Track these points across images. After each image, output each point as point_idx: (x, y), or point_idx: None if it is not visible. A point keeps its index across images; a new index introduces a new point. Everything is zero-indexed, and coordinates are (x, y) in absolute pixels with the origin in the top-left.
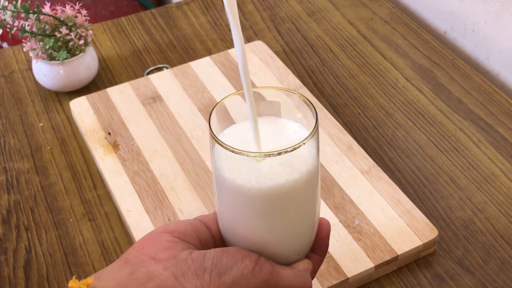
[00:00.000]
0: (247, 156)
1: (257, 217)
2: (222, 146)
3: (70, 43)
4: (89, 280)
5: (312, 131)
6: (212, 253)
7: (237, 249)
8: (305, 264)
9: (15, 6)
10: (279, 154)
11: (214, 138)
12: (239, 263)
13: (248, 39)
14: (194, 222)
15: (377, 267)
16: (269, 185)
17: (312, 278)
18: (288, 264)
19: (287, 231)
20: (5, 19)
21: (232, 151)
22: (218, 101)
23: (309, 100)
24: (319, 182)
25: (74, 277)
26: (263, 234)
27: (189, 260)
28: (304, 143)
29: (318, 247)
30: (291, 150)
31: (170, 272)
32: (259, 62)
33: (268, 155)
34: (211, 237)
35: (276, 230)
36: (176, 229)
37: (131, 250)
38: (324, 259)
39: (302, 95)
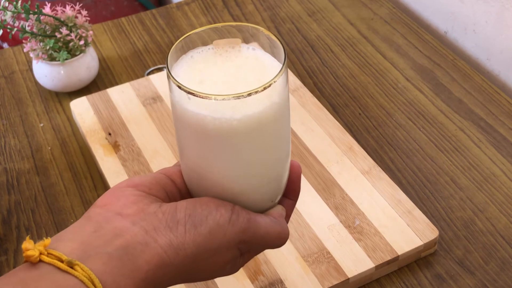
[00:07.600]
0: (214, 100)
1: (228, 158)
2: (183, 89)
3: (71, 44)
4: (46, 241)
5: (281, 68)
6: (184, 204)
7: (210, 198)
8: (279, 210)
9: (15, 7)
10: (249, 95)
11: (173, 81)
12: (214, 212)
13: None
14: (158, 176)
15: (377, 267)
16: (238, 117)
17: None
18: (262, 212)
19: (261, 172)
20: (5, 20)
21: (199, 96)
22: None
23: (275, 35)
24: (289, 118)
25: (28, 237)
26: (235, 178)
27: (159, 213)
28: (274, 81)
29: (291, 190)
30: (262, 90)
31: (139, 227)
32: None
33: (237, 97)
34: (177, 190)
35: (249, 171)
36: (141, 183)
37: (93, 208)
38: (325, 259)
39: (268, 30)
